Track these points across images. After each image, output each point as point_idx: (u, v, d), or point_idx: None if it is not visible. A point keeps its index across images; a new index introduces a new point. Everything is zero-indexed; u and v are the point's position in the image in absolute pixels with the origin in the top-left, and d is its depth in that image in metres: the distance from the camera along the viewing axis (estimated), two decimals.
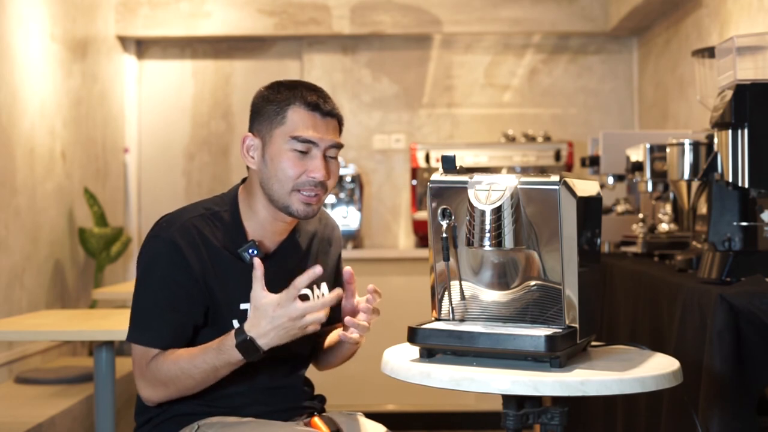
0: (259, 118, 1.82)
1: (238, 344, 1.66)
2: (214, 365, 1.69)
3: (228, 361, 1.68)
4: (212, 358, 1.69)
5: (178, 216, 1.81)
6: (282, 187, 1.78)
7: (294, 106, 1.78)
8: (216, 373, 1.71)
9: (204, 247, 1.77)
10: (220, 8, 5.22)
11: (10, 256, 3.83)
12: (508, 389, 1.47)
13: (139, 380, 1.77)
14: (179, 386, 1.73)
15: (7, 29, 3.86)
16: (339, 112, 1.84)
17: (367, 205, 5.31)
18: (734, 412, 1.81)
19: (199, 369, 1.70)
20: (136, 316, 1.79)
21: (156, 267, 1.77)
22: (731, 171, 2.08)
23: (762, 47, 2.12)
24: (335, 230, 2.03)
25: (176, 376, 1.71)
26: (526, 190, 1.58)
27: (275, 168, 1.78)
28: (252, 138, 1.82)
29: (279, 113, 1.79)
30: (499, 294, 1.65)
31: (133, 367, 1.78)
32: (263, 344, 1.66)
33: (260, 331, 1.66)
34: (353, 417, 1.93)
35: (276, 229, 1.86)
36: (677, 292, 2.16)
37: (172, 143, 5.48)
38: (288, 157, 1.77)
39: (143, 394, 1.77)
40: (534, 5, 5.18)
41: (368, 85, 5.41)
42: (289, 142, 1.77)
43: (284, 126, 1.78)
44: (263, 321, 1.65)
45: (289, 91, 1.80)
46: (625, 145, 3.22)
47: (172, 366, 1.72)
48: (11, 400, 3.38)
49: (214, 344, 1.70)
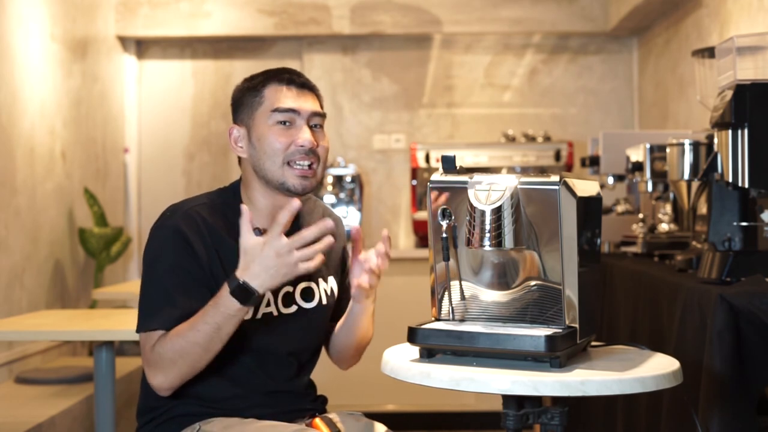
0: (239, 108, 1.85)
1: (232, 291, 1.64)
2: (215, 323, 1.66)
3: (227, 313, 1.65)
4: (211, 316, 1.66)
5: (182, 205, 1.82)
6: (273, 163, 1.79)
7: (269, 85, 1.82)
8: (219, 332, 1.66)
9: (209, 235, 1.77)
10: (220, 8, 5.22)
11: (10, 256, 3.83)
12: (508, 389, 1.47)
13: (147, 369, 1.72)
14: (188, 359, 1.68)
15: (7, 29, 3.86)
16: (314, 86, 1.87)
17: (367, 205, 5.31)
18: (734, 412, 1.81)
19: (201, 332, 1.66)
20: (144, 306, 1.76)
21: (162, 255, 1.76)
22: (731, 171, 2.08)
23: (762, 47, 2.12)
24: (339, 225, 2.03)
25: (181, 347, 1.68)
26: (526, 190, 1.58)
27: (263, 146, 1.80)
28: (237, 128, 1.85)
29: (256, 96, 1.82)
30: (499, 294, 1.65)
31: (142, 360, 1.75)
32: (256, 286, 1.63)
33: (251, 273, 1.64)
34: (354, 417, 1.93)
35: None
36: (677, 292, 2.16)
37: (172, 143, 5.48)
38: (273, 131, 1.79)
39: (155, 382, 1.71)
40: (534, 5, 5.18)
41: (368, 85, 5.41)
42: (271, 117, 1.80)
43: (263, 105, 1.81)
44: (252, 263, 1.64)
45: (262, 75, 1.85)
46: (625, 145, 3.22)
47: (175, 339, 1.68)
48: (11, 400, 3.38)
49: (211, 302, 1.68)
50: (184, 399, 1.80)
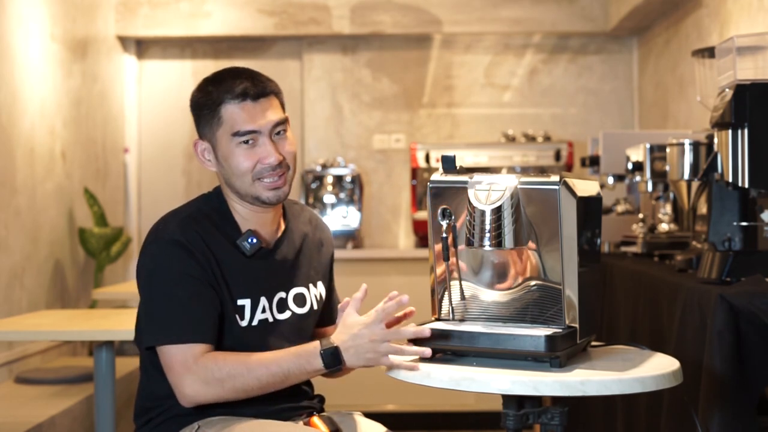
0: (200, 122, 1.83)
1: (323, 351, 1.67)
2: (287, 369, 1.69)
3: (304, 368, 1.69)
4: (288, 362, 1.69)
5: (172, 217, 1.82)
6: (243, 182, 1.80)
7: (224, 104, 1.78)
8: (285, 380, 1.70)
9: (203, 243, 1.77)
10: (220, 8, 5.22)
11: (10, 256, 3.83)
12: (508, 389, 1.47)
13: (183, 377, 1.69)
14: (237, 385, 1.69)
15: (7, 29, 3.86)
16: (272, 87, 1.82)
17: (367, 205, 5.31)
18: (734, 412, 1.82)
19: (269, 371, 1.68)
20: (160, 319, 1.74)
21: (164, 266, 1.75)
22: (731, 171, 2.08)
23: (762, 47, 2.12)
24: (325, 232, 2.04)
25: (240, 374, 1.68)
26: (526, 190, 1.58)
27: (230, 167, 1.80)
28: (201, 143, 1.84)
29: (214, 115, 1.79)
30: (499, 294, 1.65)
31: (171, 371, 1.71)
32: (345, 358, 1.67)
33: (344, 345, 1.67)
34: (352, 416, 1.93)
35: (263, 221, 1.86)
36: (677, 292, 2.16)
37: (172, 143, 5.48)
38: (237, 153, 1.78)
39: (189, 390, 1.69)
40: (534, 5, 5.18)
41: (368, 85, 5.41)
42: (233, 140, 1.78)
43: (222, 126, 1.78)
44: (347, 336, 1.67)
45: (216, 88, 1.79)
46: (625, 145, 3.22)
47: (236, 364, 1.69)
48: (11, 400, 3.38)
49: (292, 350, 1.71)
50: None
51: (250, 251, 1.81)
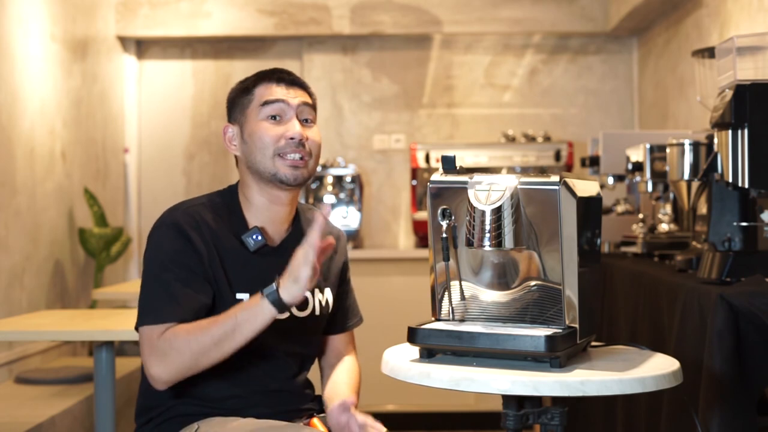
0: (233, 107, 1.89)
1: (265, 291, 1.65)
2: (236, 318, 1.66)
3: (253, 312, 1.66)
4: (236, 312, 1.67)
5: (180, 205, 1.84)
6: (264, 156, 1.81)
7: (259, 84, 1.87)
8: (236, 330, 1.66)
9: (207, 233, 1.78)
10: (220, 8, 5.22)
11: (10, 256, 3.83)
12: (508, 389, 1.47)
13: (149, 358, 1.69)
14: (194, 348, 1.66)
15: (7, 29, 3.86)
16: (308, 87, 1.91)
17: (367, 205, 5.31)
18: (734, 412, 1.81)
19: (220, 325, 1.66)
20: (145, 301, 1.75)
21: (162, 251, 1.76)
22: (731, 171, 2.08)
23: (762, 47, 2.12)
24: (341, 239, 2.04)
25: (194, 337, 1.67)
26: (526, 190, 1.58)
27: (254, 141, 1.82)
28: (231, 127, 1.89)
29: (248, 94, 1.87)
30: (499, 294, 1.65)
31: (142, 353, 1.72)
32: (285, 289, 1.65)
33: (282, 280, 1.66)
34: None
35: (275, 217, 1.86)
36: (677, 292, 2.16)
37: (172, 143, 5.48)
38: (263, 126, 1.83)
39: (153, 372, 1.69)
40: (534, 5, 5.18)
41: (368, 85, 5.41)
42: (261, 112, 1.83)
43: (253, 102, 1.85)
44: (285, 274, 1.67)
45: (254, 75, 1.89)
46: (625, 145, 3.22)
47: (191, 327, 1.68)
48: (11, 400, 3.38)
49: (242, 303, 1.70)
50: (182, 399, 1.80)
51: (254, 247, 1.82)
